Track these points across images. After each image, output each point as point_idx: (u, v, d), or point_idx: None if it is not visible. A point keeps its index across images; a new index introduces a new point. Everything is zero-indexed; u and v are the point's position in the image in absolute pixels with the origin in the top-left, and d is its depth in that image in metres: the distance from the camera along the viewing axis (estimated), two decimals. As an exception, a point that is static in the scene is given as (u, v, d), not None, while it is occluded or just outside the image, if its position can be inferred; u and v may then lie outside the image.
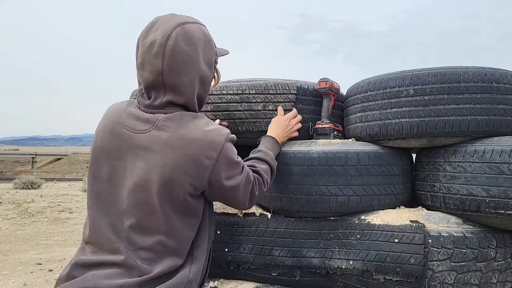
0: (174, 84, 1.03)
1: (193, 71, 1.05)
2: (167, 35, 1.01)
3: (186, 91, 1.05)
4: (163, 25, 1.03)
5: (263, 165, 1.28)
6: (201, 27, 1.09)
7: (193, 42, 1.04)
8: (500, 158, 1.32)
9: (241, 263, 1.60)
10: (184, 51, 1.02)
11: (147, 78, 1.04)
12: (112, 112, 1.09)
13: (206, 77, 1.10)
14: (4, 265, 3.06)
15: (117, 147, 1.03)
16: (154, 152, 0.98)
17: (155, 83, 1.03)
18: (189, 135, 0.99)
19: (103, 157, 1.04)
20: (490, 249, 1.38)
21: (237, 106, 1.63)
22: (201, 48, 1.06)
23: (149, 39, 1.03)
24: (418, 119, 1.43)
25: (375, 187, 1.50)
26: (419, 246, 1.35)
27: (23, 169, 29.65)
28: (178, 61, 1.02)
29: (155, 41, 1.02)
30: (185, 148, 0.98)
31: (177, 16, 1.08)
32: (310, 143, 1.54)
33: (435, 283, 1.35)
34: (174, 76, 1.03)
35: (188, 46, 1.03)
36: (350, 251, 1.46)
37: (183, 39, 1.02)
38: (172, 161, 0.97)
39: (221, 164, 1.02)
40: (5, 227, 4.84)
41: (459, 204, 1.41)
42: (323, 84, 1.65)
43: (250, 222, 1.61)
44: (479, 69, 1.42)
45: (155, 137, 0.99)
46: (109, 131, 1.05)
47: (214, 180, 1.03)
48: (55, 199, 7.69)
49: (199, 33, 1.07)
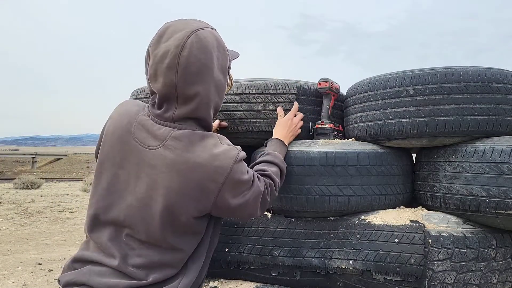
0: (189, 96, 0.99)
1: (208, 81, 1.01)
2: (181, 46, 0.97)
3: (200, 102, 1.01)
4: (176, 34, 0.99)
5: (273, 168, 1.26)
6: (213, 32, 1.05)
7: (208, 50, 1.00)
8: (500, 158, 1.32)
9: (241, 263, 1.60)
10: (199, 60, 0.98)
11: (159, 90, 1.00)
12: (122, 116, 1.05)
13: (221, 85, 1.07)
14: (4, 265, 3.06)
15: (122, 156, 1.01)
16: (160, 172, 0.96)
17: (168, 95, 0.99)
18: (194, 159, 0.96)
19: (107, 163, 1.03)
20: (490, 249, 1.38)
21: (237, 106, 1.63)
22: (216, 55, 1.02)
23: (161, 49, 0.98)
24: (418, 119, 1.43)
25: (375, 187, 1.50)
26: (419, 246, 1.35)
27: (23, 169, 29.65)
28: (192, 71, 0.98)
29: (168, 51, 0.97)
30: (191, 173, 0.96)
31: (188, 22, 1.03)
32: (310, 143, 1.54)
33: (435, 283, 1.35)
34: (189, 87, 0.99)
35: (203, 54, 0.99)
36: (350, 251, 1.46)
37: (197, 47, 0.98)
38: (177, 184, 0.95)
39: (228, 187, 1.00)
40: (5, 227, 4.84)
41: (459, 204, 1.41)
42: (323, 84, 1.64)
43: (250, 222, 1.61)
44: (479, 69, 1.42)
45: (161, 156, 0.97)
46: (117, 138, 1.03)
47: (220, 202, 1.01)
48: (55, 199, 7.69)
49: (213, 40, 1.02)
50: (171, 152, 0.97)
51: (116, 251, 0.98)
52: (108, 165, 1.03)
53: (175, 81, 0.97)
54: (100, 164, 1.05)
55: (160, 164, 0.96)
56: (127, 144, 1.01)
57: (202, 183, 0.97)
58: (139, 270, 0.97)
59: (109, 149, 1.04)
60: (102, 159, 1.05)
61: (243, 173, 1.03)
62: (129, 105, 1.08)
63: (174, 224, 0.98)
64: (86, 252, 1.02)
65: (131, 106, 1.08)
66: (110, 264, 0.97)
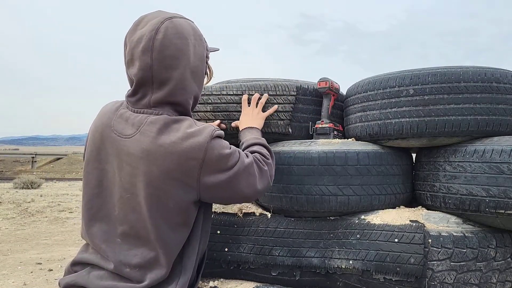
0: (164, 80, 1.00)
1: (183, 65, 1.01)
2: (155, 29, 0.99)
3: (175, 86, 1.01)
4: (151, 21, 1.01)
5: (255, 147, 1.22)
6: (189, 22, 1.07)
7: (183, 36, 1.02)
8: (500, 158, 1.32)
9: (241, 262, 1.60)
10: (174, 45, 1.00)
11: (135, 74, 1.01)
12: (103, 115, 1.07)
13: (198, 71, 1.07)
14: (4, 265, 3.06)
15: (106, 152, 1.02)
16: (138, 159, 0.96)
17: (144, 79, 1.00)
18: (170, 139, 0.96)
19: (92, 161, 1.04)
20: (490, 248, 1.38)
21: (236, 107, 1.62)
22: (192, 42, 1.04)
23: (137, 35, 1.00)
24: (418, 119, 1.43)
25: (375, 187, 1.50)
26: (419, 245, 1.36)
27: (23, 168, 29.65)
28: (167, 55, 0.99)
29: (143, 36, 0.99)
30: (169, 154, 0.95)
31: (165, 12, 1.05)
32: (310, 143, 1.54)
33: (435, 282, 1.35)
34: (165, 71, 0.99)
35: (179, 40, 1.00)
36: (350, 251, 1.46)
37: (173, 32, 1.00)
38: (156, 168, 0.95)
39: (210, 162, 0.97)
40: (5, 227, 4.84)
41: (459, 204, 1.41)
42: (323, 84, 1.64)
43: (250, 221, 1.61)
44: (479, 69, 1.42)
45: (138, 142, 0.97)
46: (99, 135, 1.04)
47: (206, 179, 0.98)
48: (55, 199, 7.69)
49: (188, 28, 1.05)
50: (146, 137, 0.97)
51: (111, 253, 0.99)
52: (95, 164, 1.04)
53: (150, 63, 0.98)
54: (86, 164, 1.06)
55: (138, 150, 0.97)
56: (108, 138, 1.02)
57: (182, 162, 0.95)
58: (135, 270, 0.97)
59: (93, 148, 1.05)
60: (87, 158, 1.06)
61: (223, 147, 1.01)
62: (110, 105, 1.10)
63: (163, 211, 0.97)
64: (85, 255, 1.03)
65: (112, 105, 1.09)
66: (107, 267, 0.98)
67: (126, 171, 0.98)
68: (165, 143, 0.95)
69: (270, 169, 1.15)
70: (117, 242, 1.00)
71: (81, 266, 1.03)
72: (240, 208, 1.65)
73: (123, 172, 0.99)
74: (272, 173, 1.16)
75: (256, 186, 1.08)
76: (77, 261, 1.04)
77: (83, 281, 0.97)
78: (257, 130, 1.40)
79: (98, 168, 1.04)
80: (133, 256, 0.98)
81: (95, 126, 1.07)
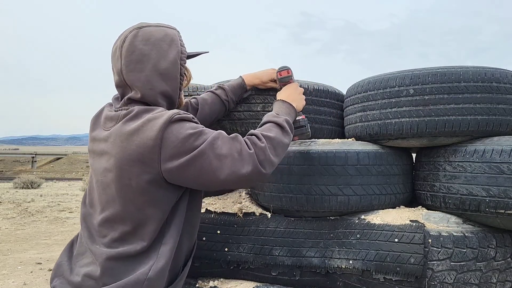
0: (132, 81, 1.11)
1: (149, 68, 1.10)
2: (124, 38, 1.12)
3: (143, 87, 1.10)
4: (124, 32, 1.14)
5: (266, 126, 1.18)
6: (164, 29, 1.15)
7: (150, 41, 1.11)
8: (500, 158, 1.32)
9: (241, 262, 1.60)
10: (139, 50, 1.10)
11: (114, 80, 1.15)
12: (96, 118, 1.20)
13: (169, 73, 1.13)
14: (4, 265, 3.06)
15: (97, 145, 1.14)
16: (111, 144, 1.07)
17: (119, 82, 1.13)
18: (134, 125, 1.04)
19: (91, 160, 1.17)
20: (490, 248, 1.38)
21: (236, 107, 1.63)
22: (160, 46, 1.12)
23: (113, 47, 1.15)
24: (418, 119, 1.43)
25: (375, 187, 1.50)
26: (419, 245, 1.35)
27: (23, 168, 29.64)
28: (132, 59, 1.10)
29: (116, 46, 1.13)
30: (130, 136, 1.03)
31: (141, 23, 1.16)
32: (310, 142, 1.54)
33: (435, 282, 1.35)
34: (131, 74, 1.10)
35: (144, 45, 1.11)
36: (350, 251, 1.46)
37: (139, 39, 1.11)
38: (120, 149, 1.03)
39: (168, 144, 0.99)
40: (5, 227, 4.84)
41: (459, 204, 1.41)
42: (284, 73, 1.47)
43: (250, 221, 1.61)
44: (479, 68, 1.42)
45: (114, 130, 1.08)
46: (93, 136, 1.17)
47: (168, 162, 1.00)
48: (55, 199, 7.69)
49: (159, 34, 1.13)
50: (119, 124, 1.08)
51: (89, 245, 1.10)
52: (91, 161, 1.17)
53: (120, 68, 1.11)
54: (90, 168, 1.19)
55: (112, 137, 1.07)
56: (99, 134, 1.14)
57: (141, 145, 1.01)
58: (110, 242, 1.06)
59: (91, 149, 1.18)
60: (90, 163, 1.18)
61: (185, 129, 1.01)
62: (102, 108, 1.22)
63: (128, 191, 1.03)
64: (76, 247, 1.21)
65: (103, 108, 1.21)
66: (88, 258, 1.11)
67: (103, 157, 1.09)
68: (130, 127, 1.04)
69: (259, 152, 1.06)
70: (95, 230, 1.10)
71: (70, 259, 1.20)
72: (240, 208, 1.65)
73: (102, 158, 1.10)
74: (263, 158, 1.06)
75: (238, 170, 1.02)
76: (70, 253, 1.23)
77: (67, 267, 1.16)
78: (289, 105, 1.32)
79: (92, 166, 1.16)
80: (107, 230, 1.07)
81: (91, 129, 1.21)
